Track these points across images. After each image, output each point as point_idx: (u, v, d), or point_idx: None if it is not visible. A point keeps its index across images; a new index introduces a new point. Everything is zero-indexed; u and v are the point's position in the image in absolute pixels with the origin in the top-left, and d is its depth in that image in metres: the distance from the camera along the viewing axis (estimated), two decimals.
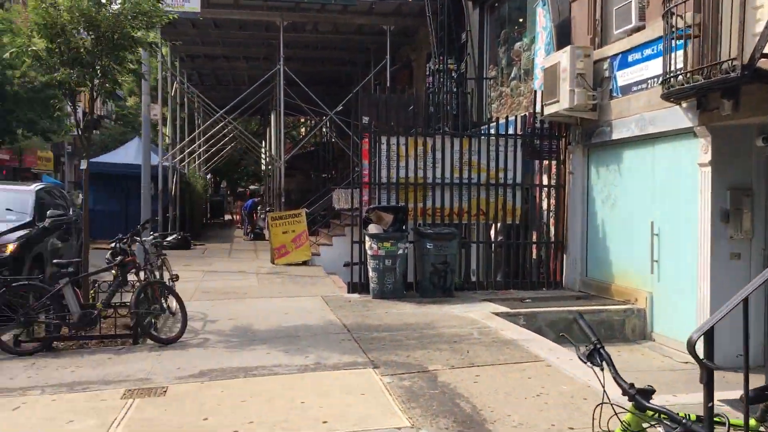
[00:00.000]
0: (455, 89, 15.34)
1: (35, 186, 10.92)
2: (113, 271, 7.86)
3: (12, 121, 30.41)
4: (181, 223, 21.49)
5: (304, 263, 15.41)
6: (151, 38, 9.41)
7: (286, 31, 18.82)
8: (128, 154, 23.19)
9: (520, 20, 14.21)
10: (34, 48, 7.97)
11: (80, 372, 6.42)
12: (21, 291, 7.26)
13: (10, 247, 8.92)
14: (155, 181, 18.44)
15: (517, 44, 14.08)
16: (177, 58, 23.50)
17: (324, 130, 32.27)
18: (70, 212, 11.93)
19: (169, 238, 18.90)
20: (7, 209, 9.98)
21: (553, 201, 11.74)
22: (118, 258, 7.77)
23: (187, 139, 24.40)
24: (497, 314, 9.21)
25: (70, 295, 7.37)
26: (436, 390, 5.77)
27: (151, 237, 9.57)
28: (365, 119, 11.36)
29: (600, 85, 10.31)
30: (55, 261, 7.84)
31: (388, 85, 18.52)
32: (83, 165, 8.43)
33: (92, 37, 8.16)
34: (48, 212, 10.12)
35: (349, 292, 11.24)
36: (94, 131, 35.77)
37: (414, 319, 8.94)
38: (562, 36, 11.26)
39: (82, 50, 8.14)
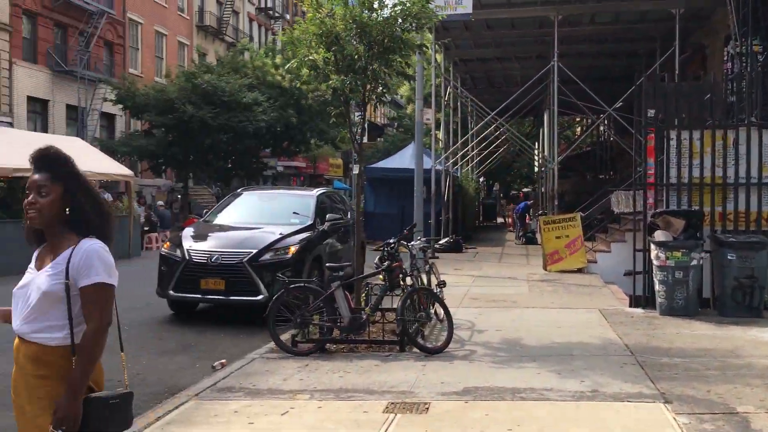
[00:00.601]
0: (763, 73, 13.11)
1: (316, 191, 11.53)
2: (381, 276, 7.81)
3: (307, 132, 33.69)
4: (454, 226, 21.66)
5: (579, 271, 14.37)
6: (425, 39, 9.35)
7: (561, 26, 17.87)
8: (404, 158, 24.05)
9: None
10: (311, 58, 8.27)
11: (347, 378, 6.37)
12: (297, 293, 7.51)
13: (292, 249, 9.42)
14: (428, 184, 18.72)
15: None
16: (450, 62, 23.79)
17: (601, 128, 30.45)
18: (348, 216, 12.42)
19: (441, 242, 19.10)
20: (294, 212, 10.63)
21: None
22: (385, 263, 7.69)
23: (459, 142, 24.58)
24: None
25: (341, 298, 7.44)
26: None
27: (419, 241, 9.45)
28: (650, 112, 10.08)
29: None
30: (327, 264, 8.03)
31: (677, 72, 16.61)
32: (356, 170, 8.55)
33: (364, 43, 8.24)
34: (327, 216, 10.57)
35: (630, 306, 10.07)
36: (378, 138, 37.93)
37: (712, 344, 7.59)
38: None
39: (355, 56, 8.26)
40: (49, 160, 2.78)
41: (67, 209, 2.78)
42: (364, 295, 8.62)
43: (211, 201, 35.25)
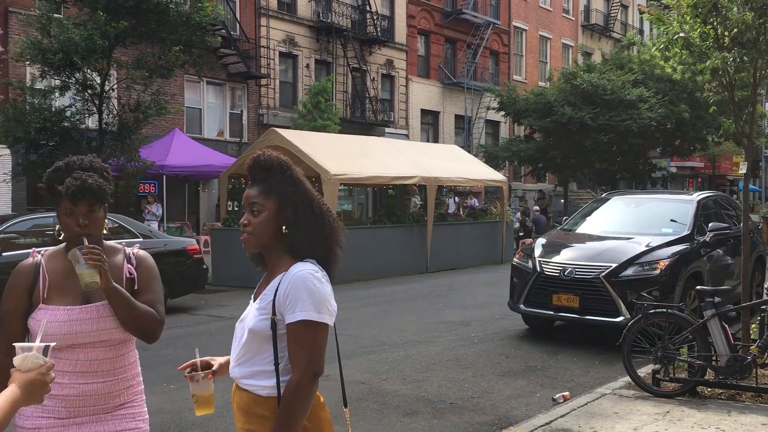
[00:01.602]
0: None
1: (697, 195, 9.72)
2: None
3: (703, 128, 30.07)
4: None
5: None
6: None
7: None
8: None
9: None
10: (682, 35, 6.81)
11: None
12: (657, 320, 6.18)
13: (661, 264, 7.98)
14: None
15: None
16: None
17: None
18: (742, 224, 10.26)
19: None
20: (672, 220, 9.12)
21: None
22: None
23: None
24: None
25: (716, 331, 5.89)
26: None
27: None
28: None
29: None
30: (697, 288, 6.49)
31: None
32: (743, 169, 6.81)
33: (754, 7, 6.48)
34: (710, 224, 8.80)
35: None
36: None
37: None
38: None
39: (742, 27, 6.55)
40: (261, 169, 2.27)
41: (284, 227, 2.25)
42: (754, 327, 6.82)
43: None
